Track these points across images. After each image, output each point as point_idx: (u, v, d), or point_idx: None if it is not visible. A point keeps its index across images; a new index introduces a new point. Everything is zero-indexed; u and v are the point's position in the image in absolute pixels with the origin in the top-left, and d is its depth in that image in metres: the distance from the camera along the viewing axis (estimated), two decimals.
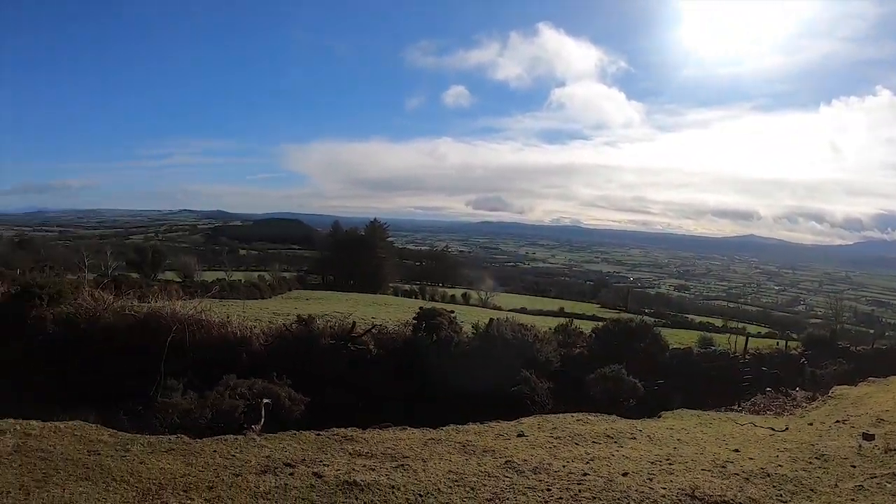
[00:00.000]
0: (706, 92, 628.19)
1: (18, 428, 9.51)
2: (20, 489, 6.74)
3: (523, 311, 59.87)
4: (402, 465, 7.99)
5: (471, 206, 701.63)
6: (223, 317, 15.80)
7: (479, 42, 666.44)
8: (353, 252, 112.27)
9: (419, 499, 6.76)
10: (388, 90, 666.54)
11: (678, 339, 24.05)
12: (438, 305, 21.73)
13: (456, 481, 7.27)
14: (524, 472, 7.65)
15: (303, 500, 6.56)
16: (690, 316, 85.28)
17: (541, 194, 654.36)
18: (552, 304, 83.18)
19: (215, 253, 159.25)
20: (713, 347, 20.84)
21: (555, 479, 7.43)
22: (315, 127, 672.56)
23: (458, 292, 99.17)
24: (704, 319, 73.37)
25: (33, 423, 9.78)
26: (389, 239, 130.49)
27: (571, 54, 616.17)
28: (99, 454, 8.03)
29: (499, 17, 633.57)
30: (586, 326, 21.00)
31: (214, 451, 8.23)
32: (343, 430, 9.92)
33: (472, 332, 17.26)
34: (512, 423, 11.40)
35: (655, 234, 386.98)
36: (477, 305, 79.62)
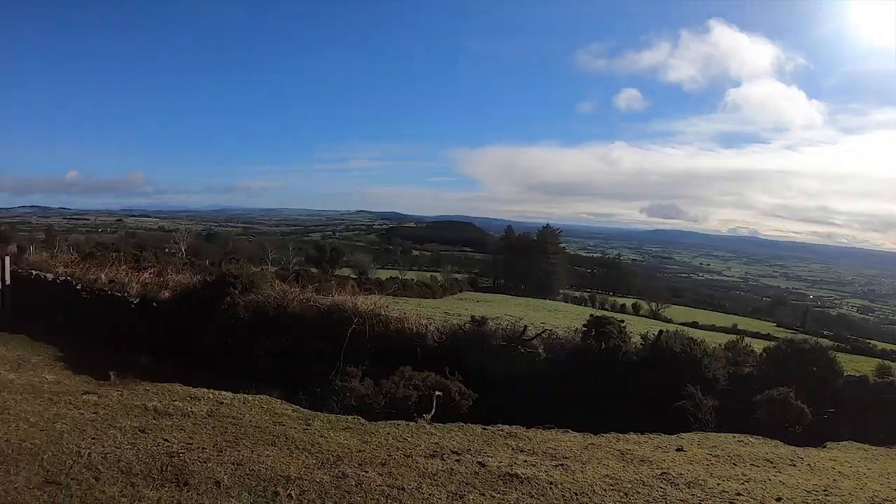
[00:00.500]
0: (893, 88, 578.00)
1: (212, 396, 10.51)
2: (213, 447, 7.53)
3: (694, 325, 58.64)
4: (562, 464, 8.23)
5: (644, 213, 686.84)
6: (400, 313, 16.38)
7: (649, 42, 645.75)
8: (524, 256, 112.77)
9: (574, 497, 6.99)
10: (559, 94, 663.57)
11: (855, 365, 22.90)
12: (608, 314, 21.66)
13: (611, 485, 7.43)
14: (678, 485, 7.71)
15: (466, 484, 6.95)
16: (872, 342, 79.17)
17: (717, 202, 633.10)
18: (725, 320, 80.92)
19: (389, 252, 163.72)
20: (892, 378, 19.78)
21: (707, 495, 7.46)
22: (488, 131, 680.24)
23: (629, 302, 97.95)
24: (888, 346, 67.55)
25: (225, 393, 10.75)
26: (561, 245, 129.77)
27: (746, 51, 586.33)
28: (283, 425, 8.76)
29: (668, 16, 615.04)
30: (758, 345, 20.42)
31: (388, 433, 8.78)
32: (508, 427, 10.27)
33: (641, 343, 17.18)
34: (672, 437, 11.37)
35: (839, 248, 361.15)
36: (647, 317, 78.43)
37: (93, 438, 7.75)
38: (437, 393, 12.39)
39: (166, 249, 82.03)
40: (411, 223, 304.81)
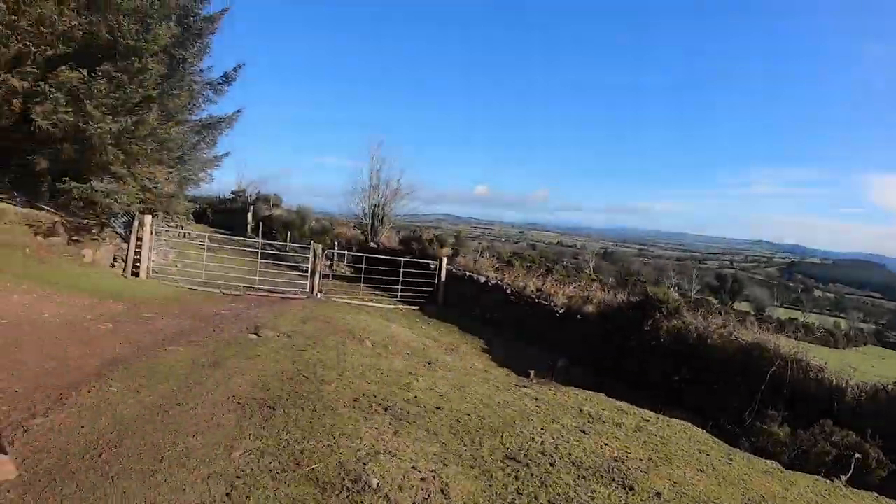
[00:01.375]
0: None
1: (636, 412, 11.38)
2: (648, 460, 8.23)
3: None
4: None
5: None
6: (821, 361, 15.93)
7: None
8: None
9: None
10: None
11: None
12: None
13: None
14: None
15: None
16: None
17: None
18: None
19: (788, 290, 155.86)
20: None
21: None
22: None
23: None
24: None
25: (647, 412, 11.57)
26: None
27: None
28: (708, 455, 9.23)
29: None
30: None
31: (807, 487, 8.87)
32: None
33: None
34: None
35: None
36: None
37: (541, 429, 8.90)
38: (857, 455, 12.14)
39: (564, 262, 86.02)
40: (815, 258, 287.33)
